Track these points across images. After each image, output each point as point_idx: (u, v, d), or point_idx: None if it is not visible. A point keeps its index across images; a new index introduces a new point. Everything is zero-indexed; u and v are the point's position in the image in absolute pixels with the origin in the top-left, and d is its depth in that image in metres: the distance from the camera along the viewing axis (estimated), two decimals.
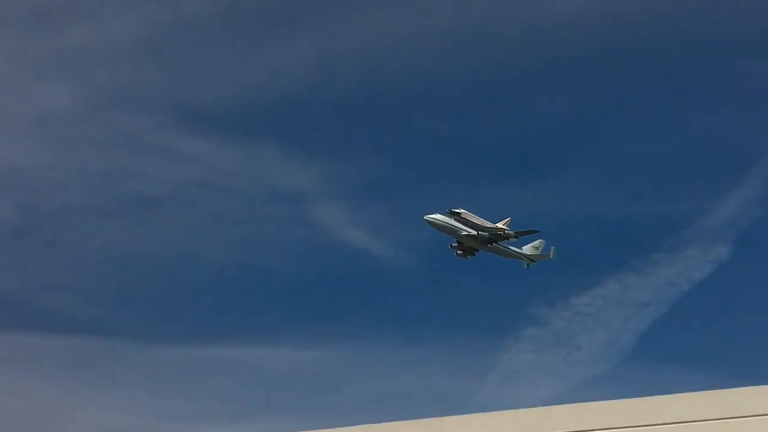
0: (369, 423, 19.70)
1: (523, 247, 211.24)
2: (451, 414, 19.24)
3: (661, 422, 17.83)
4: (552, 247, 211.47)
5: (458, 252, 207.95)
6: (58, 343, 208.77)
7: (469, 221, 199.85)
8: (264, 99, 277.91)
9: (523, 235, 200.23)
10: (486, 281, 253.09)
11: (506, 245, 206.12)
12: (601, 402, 18.67)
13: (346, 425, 19.48)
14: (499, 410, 19.14)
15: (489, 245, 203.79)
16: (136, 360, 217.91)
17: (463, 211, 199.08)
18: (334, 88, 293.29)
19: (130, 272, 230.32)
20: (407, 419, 19.74)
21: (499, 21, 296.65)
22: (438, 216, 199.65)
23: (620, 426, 18.07)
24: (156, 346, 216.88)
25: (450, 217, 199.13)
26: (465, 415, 19.33)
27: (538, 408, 18.96)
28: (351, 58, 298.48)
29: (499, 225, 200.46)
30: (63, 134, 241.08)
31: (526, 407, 18.99)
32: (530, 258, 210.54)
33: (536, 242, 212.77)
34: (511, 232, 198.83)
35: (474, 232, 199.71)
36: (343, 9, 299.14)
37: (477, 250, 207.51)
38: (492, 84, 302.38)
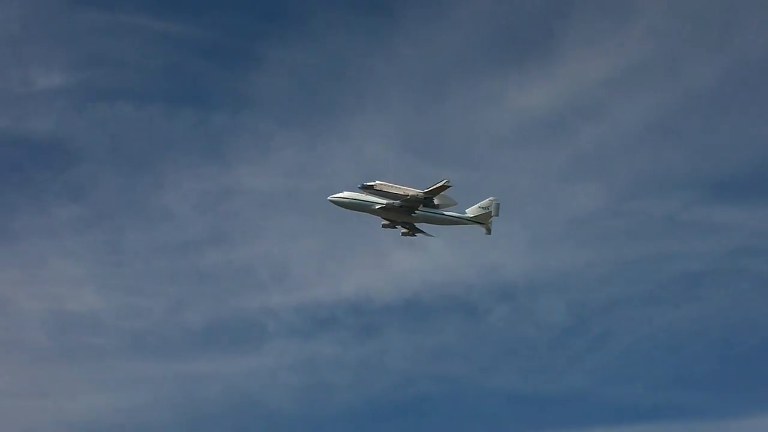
0: None
1: (467, 210, 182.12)
2: None
3: None
4: (494, 203, 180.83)
5: (402, 232, 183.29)
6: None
7: (389, 193, 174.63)
8: None
9: (435, 193, 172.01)
10: None
11: (438, 212, 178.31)
12: None
13: None
14: None
15: (414, 215, 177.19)
16: None
17: (377, 182, 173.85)
18: None
19: (684, 352, 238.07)
20: None
21: None
22: (345, 194, 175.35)
23: None
24: (722, 421, 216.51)
25: (363, 191, 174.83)
26: None
27: None
28: None
29: (432, 188, 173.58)
30: (597, 230, 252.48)
31: None
32: (476, 220, 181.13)
33: (485, 201, 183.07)
34: (420, 194, 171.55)
35: (384, 203, 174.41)
36: None
37: (414, 225, 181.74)
38: None
